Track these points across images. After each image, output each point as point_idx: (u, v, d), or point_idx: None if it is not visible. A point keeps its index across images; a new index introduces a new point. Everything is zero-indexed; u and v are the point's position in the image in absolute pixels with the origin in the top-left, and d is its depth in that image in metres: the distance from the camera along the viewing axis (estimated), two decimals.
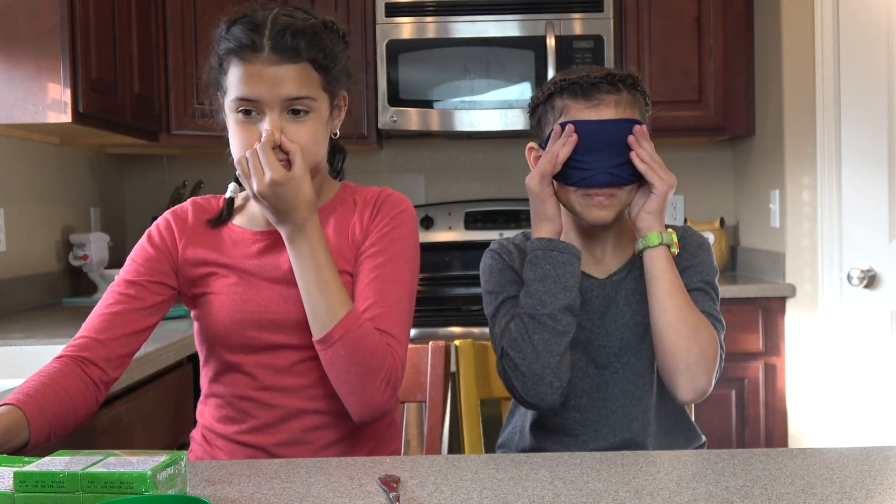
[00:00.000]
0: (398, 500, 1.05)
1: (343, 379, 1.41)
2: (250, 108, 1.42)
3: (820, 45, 2.95)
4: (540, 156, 1.61)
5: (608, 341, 1.59)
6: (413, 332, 3.05)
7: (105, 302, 1.49)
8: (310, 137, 1.44)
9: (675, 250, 1.55)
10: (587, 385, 1.60)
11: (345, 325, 1.39)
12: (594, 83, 1.53)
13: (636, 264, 1.61)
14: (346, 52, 1.52)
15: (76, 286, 3.21)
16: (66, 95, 2.49)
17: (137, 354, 1.88)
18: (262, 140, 1.40)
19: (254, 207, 1.56)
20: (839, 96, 2.94)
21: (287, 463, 1.24)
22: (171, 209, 1.60)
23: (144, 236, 1.56)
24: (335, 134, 1.54)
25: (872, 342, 2.94)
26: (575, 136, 1.51)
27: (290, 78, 1.41)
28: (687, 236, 1.64)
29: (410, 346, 1.81)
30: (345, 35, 1.53)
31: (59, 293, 3.09)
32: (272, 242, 1.51)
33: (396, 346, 1.44)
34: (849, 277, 2.93)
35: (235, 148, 1.45)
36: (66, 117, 2.50)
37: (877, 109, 2.91)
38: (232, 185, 1.58)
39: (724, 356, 1.59)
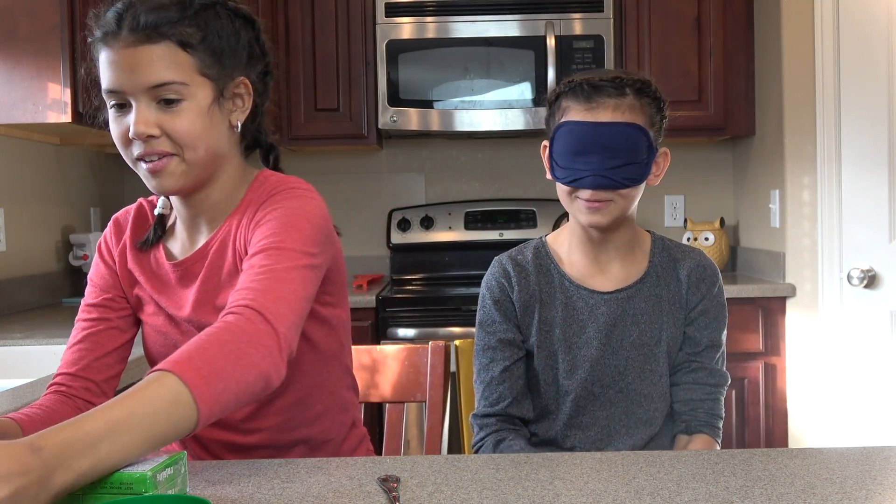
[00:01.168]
0: (398, 501, 1.05)
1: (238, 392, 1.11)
2: (120, 102, 1.28)
3: (820, 45, 2.95)
4: (551, 154, 1.60)
5: (614, 360, 1.58)
6: (413, 332, 3.05)
7: (74, 332, 1.43)
8: (185, 129, 1.28)
9: None
10: (590, 403, 1.58)
11: (202, 400, 1.05)
12: (597, 86, 1.52)
13: (646, 283, 1.61)
14: (245, 33, 1.35)
15: (76, 286, 3.21)
16: (66, 95, 2.49)
17: (137, 355, 1.88)
18: None
19: (180, 230, 1.43)
20: (839, 96, 2.93)
21: (287, 463, 1.24)
22: (115, 215, 1.50)
23: (97, 250, 1.49)
24: (235, 127, 1.36)
25: (872, 342, 2.93)
26: None
27: (149, 61, 1.25)
28: (706, 265, 1.63)
29: (410, 346, 1.81)
30: (245, 15, 1.36)
31: (59, 293, 3.09)
32: (182, 274, 1.39)
33: (250, 311, 1.16)
34: (849, 277, 2.93)
35: (117, 145, 1.32)
36: (66, 117, 2.50)
37: (877, 109, 2.91)
38: (162, 200, 1.45)
39: (723, 415, 1.63)
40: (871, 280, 2.92)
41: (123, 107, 1.29)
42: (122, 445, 0.97)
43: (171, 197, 1.42)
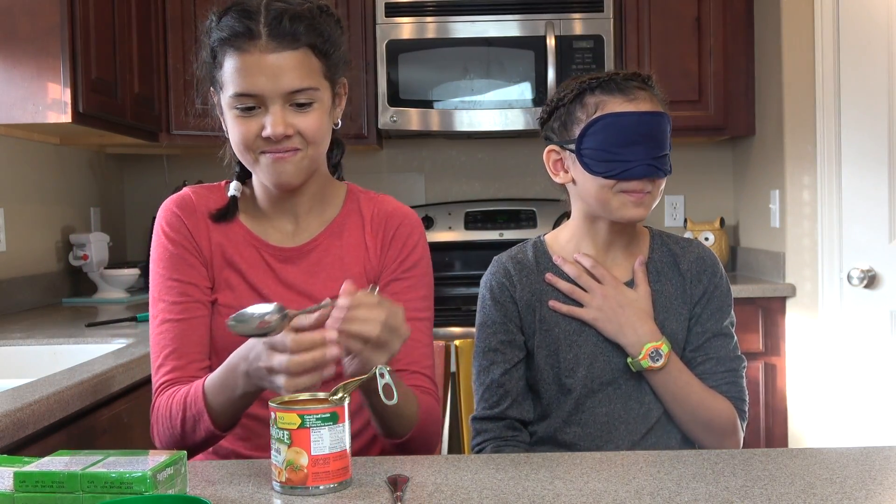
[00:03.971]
0: (400, 500, 1.05)
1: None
2: (251, 105, 1.34)
3: (820, 45, 2.95)
4: (561, 159, 1.59)
5: (614, 357, 1.57)
6: None
7: (161, 333, 1.42)
8: (316, 127, 1.37)
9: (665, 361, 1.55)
10: (589, 400, 1.58)
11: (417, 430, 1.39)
12: (628, 79, 1.54)
13: (646, 277, 1.61)
14: (343, 37, 1.45)
15: (76, 286, 3.21)
16: (66, 95, 2.49)
17: (137, 353, 1.88)
18: None
19: (268, 212, 1.48)
20: (839, 96, 2.94)
21: None
22: (172, 199, 1.50)
23: (160, 236, 1.47)
24: (336, 124, 1.46)
25: (872, 342, 2.93)
26: None
27: (292, 67, 1.33)
28: (705, 256, 1.63)
29: None
30: (339, 20, 1.45)
31: (59, 293, 3.09)
32: (282, 260, 1.46)
33: (435, 394, 1.47)
34: (849, 277, 2.93)
35: (236, 143, 1.38)
36: (66, 117, 2.50)
37: (877, 109, 2.91)
38: (234, 184, 1.50)
39: (746, 398, 1.63)
40: (871, 280, 2.92)
41: (251, 109, 1.35)
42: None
43: (260, 185, 1.47)
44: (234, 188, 1.50)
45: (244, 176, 1.51)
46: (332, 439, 1.09)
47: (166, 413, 1.37)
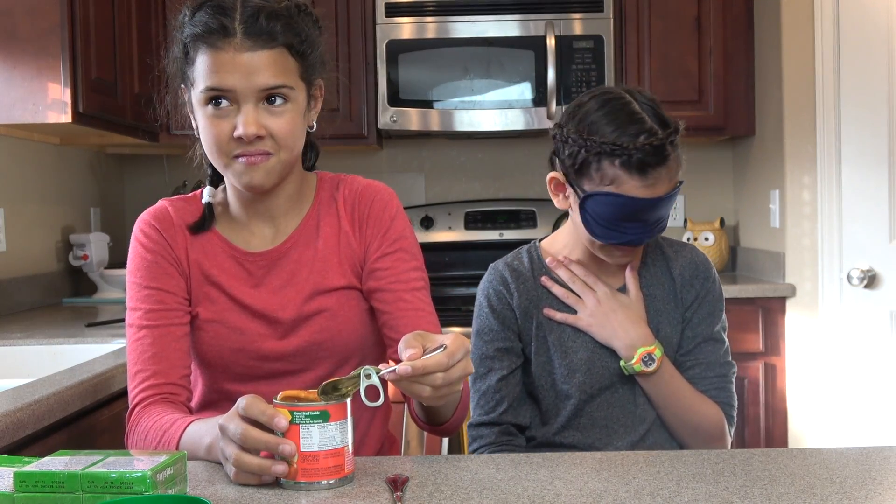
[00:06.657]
0: (400, 500, 1.05)
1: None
2: (221, 98, 1.31)
3: (820, 45, 2.95)
4: (561, 184, 1.55)
5: (611, 362, 1.58)
6: None
7: (140, 341, 1.38)
8: (288, 130, 1.33)
9: (657, 366, 1.56)
10: (587, 405, 1.58)
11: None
12: (654, 153, 1.44)
13: (640, 282, 1.61)
14: (321, 38, 1.41)
15: (76, 286, 3.21)
16: (66, 95, 2.49)
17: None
18: None
19: (245, 218, 1.45)
20: (839, 96, 2.94)
21: None
22: (148, 212, 1.46)
23: (136, 246, 1.43)
24: (311, 127, 1.43)
25: (872, 342, 2.93)
26: None
27: (266, 65, 1.30)
28: (698, 261, 1.63)
29: None
30: (318, 20, 1.42)
31: (59, 293, 3.09)
32: (265, 265, 1.43)
33: None
34: (849, 277, 2.93)
35: (208, 144, 1.35)
36: (66, 117, 2.50)
37: (877, 109, 2.91)
38: (208, 189, 1.47)
39: (735, 403, 1.62)
40: (871, 280, 2.92)
41: (219, 104, 1.32)
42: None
43: (233, 191, 1.44)
44: (207, 194, 1.47)
45: (217, 180, 1.48)
46: (321, 437, 1.09)
47: (142, 438, 1.32)
